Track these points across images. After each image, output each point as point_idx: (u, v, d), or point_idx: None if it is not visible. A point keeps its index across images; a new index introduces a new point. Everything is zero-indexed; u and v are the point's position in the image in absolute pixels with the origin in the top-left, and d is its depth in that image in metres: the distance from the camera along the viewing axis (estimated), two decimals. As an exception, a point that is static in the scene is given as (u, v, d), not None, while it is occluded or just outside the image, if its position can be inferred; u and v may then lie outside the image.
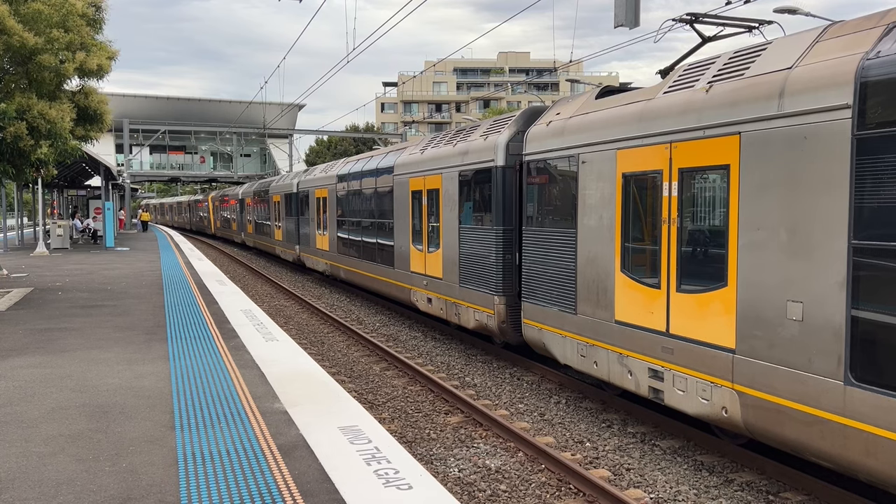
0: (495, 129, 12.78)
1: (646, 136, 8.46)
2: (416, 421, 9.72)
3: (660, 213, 8.26)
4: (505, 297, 12.15)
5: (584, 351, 9.77)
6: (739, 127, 7.14)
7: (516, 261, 12.03)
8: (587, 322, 9.66)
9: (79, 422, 6.49)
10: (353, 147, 76.41)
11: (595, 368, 9.51)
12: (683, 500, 7.12)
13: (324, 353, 14.10)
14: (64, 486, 5.01)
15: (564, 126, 10.28)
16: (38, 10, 14.27)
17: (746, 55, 7.63)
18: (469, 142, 13.47)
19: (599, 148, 9.36)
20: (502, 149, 12.18)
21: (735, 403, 7.17)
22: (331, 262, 23.57)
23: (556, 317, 10.41)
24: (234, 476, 5.18)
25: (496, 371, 12.43)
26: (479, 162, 12.80)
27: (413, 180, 15.94)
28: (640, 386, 8.63)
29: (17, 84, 15.24)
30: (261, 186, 37.65)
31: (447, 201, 14.12)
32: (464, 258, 13.43)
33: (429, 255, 15.09)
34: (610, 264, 9.18)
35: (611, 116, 9.28)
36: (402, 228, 16.68)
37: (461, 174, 13.52)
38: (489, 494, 7.24)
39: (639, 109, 8.73)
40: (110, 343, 10.10)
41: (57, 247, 30.85)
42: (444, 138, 15.26)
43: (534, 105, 13.10)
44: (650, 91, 8.89)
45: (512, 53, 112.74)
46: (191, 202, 72.08)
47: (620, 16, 12.66)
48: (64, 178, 39.88)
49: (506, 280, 12.16)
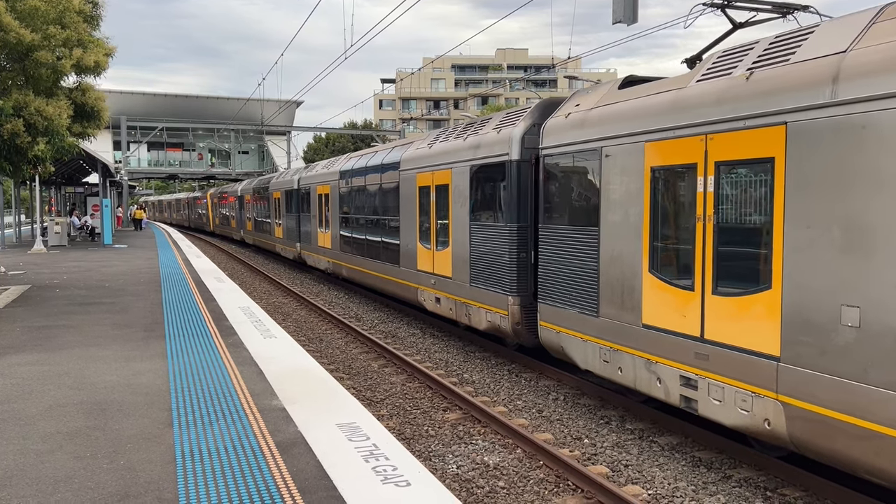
0: (509, 122, 12.23)
1: (678, 128, 7.90)
2: (414, 418, 9.72)
3: (693, 210, 7.72)
4: (519, 297, 11.64)
5: (607, 356, 9.17)
6: (785, 117, 6.59)
7: (531, 259, 11.51)
8: (611, 325, 9.09)
9: (77, 419, 6.48)
10: (351, 144, 76.33)
11: (619, 375, 8.94)
12: (681, 496, 7.13)
13: (322, 350, 14.10)
14: (62, 484, 5.00)
15: (585, 118, 9.71)
16: (35, 6, 14.22)
17: (791, 39, 7.06)
18: (481, 135, 12.96)
19: (625, 141, 8.79)
20: (517, 142, 11.65)
21: (779, 415, 6.65)
22: (333, 260, 23.17)
23: (576, 319, 9.84)
24: (233, 473, 5.17)
25: (494, 368, 12.43)
26: (492, 156, 12.29)
27: (420, 176, 15.39)
28: (669, 394, 8.05)
29: (14, 81, 15.20)
30: (260, 183, 37.21)
31: (457, 197, 13.63)
32: (475, 256, 12.92)
33: (437, 253, 14.59)
34: (637, 264, 8.62)
35: (638, 107, 8.70)
36: (409, 225, 16.16)
37: (473, 169, 13.01)
38: (487, 491, 7.24)
39: (669, 99, 8.15)
40: (108, 340, 10.09)
41: (54, 244, 30.81)
42: (453, 132, 14.71)
43: (549, 97, 12.37)
44: (681, 80, 8.31)
45: (510, 50, 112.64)
46: (189, 199, 71.99)
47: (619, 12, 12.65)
48: (61, 176, 39.83)
49: (520, 280, 11.64)
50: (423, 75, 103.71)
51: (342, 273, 22.26)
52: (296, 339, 12.28)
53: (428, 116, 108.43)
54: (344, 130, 75.63)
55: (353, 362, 13.05)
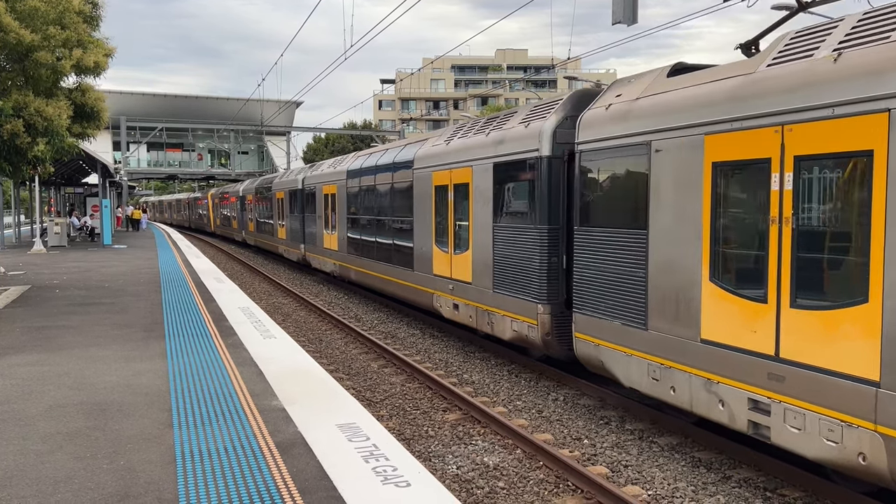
0: (538, 115, 11.28)
1: (746, 118, 7.01)
2: (414, 418, 9.72)
3: (767, 211, 6.82)
4: (550, 305, 10.72)
5: (656, 373, 8.27)
6: (888, 103, 5.73)
7: (563, 264, 10.68)
8: (661, 340, 8.18)
9: (76, 419, 6.49)
10: (351, 144, 76.37)
11: (672, 395, 8.03)
12: (681, 496, 7.14)
13: (322, 350, 14.10)
14: (62, 484, 5.01)
15: (630, 109, 8.82)
16: (35, 6, 14.23)
17: (889, 15, 6.26)
18: (505, 130, 12.00)
19: (680, 133, 7.90)
20: (548, 137, 10.70)
21: (879, 449, 5.77)
22: (340, 263, 22.32)
23: (619, 332, 8.91)
24: (233, 474, 5.18)
25: (494, 368, 12.44)
26: (520, 152, 11.35)
27: (437, 174, 14.49)
28: (735, 419, 7.17)
29: (14, 81, 15.21)
30: (263, 183, 36.37)
31: (478, 197, 12.71)
32: (499, 261, 12.01)
33: (455, 256, 13.72)
34: (694, 272, 7.68)
35: (695, 95, 7.80)
36: (424, 227, 15.29)
37: (497, 166, 12.07)
38: (487, 491, 7.25)
39: (735, 86, 7.28)
40: (108, 341, 10.09)
41: (54, 244, 30.81)
42: (472, 127, 13.80)
43: (583, 88, 11.44)
44: (747, 64, 7.43)
45: (510, 51, 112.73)
46: (190, 200, 71.82)
47: (618, 13, 12.68)
48: (61, 176, 39.82)
49: (551, 286, 10.72)
50: (423, 76, 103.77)
51: (350, 276, 21.53)
52: (295, 339, 12.28)
53: (427, 117, 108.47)
54: (343, 131, 75.69)
55: (353, 363, 13.06)
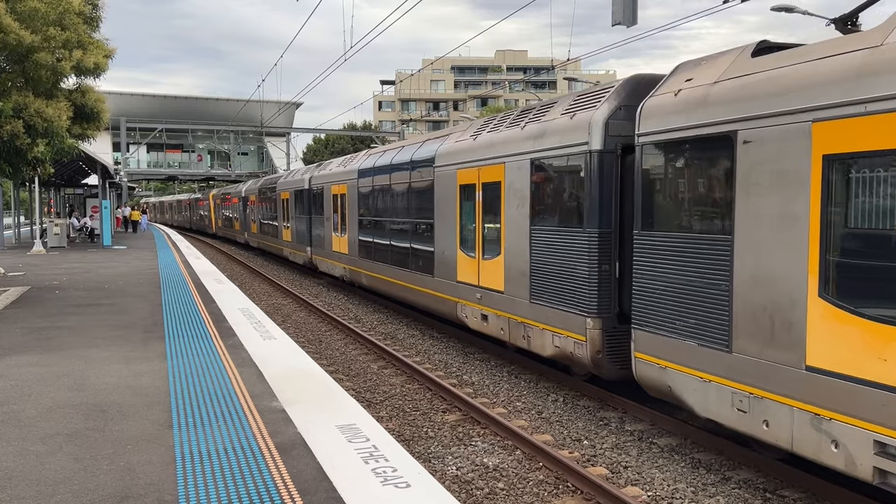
0: (586, 104, 10.15)
1: (874, 100, 5.89)
2: (413, 419, 9.73)
3: None
4: (601, 319, 9.57)
5: (743, 403, 7.09)
6: None
7: (616, 272, 9.60)
8: (750, 364, 7.01)
9: (76, 420, 6.49)
10: (351, 145, 76.39)
11: (765, 431, 6.86)
12: (681, 497, 7.14)
13: (321, 351, 14.10)
14: (61, 485, 5.01)
15: (707, 95, 7.69)
16: (35, 7, 14.24)
17: None
18: (545, 122, 10.89)
19: (777, 122, 6.78)
20: (599, 128, 9.54)
21: None
22: (350, 267, 21.12)
23: (694, 353, 7.76)
24: (232, 475, 5.18)
25: (494, 369, 12.44)
26: (564, 146, 10.24)
27: (463, 172, 13.39)
28: (855, 464, 6.04)
29: (14, 82, 15.23)
30: (267, 183, 35.18)
31: (512, 197, 11.59)
32: (537, 268, 10.88)
33: (484, 262, 12.61)
34: (797, 285, 6.54)
35: (797, 76, 6.67)
36: (447, 230, 14.17)
37: (535, 163, 10.95)
38: (487, 492, 7.25)
39: (854, 64, 6.13)
40: (108, 342, 10.09)
41: (54, 245, 30.81)
42: (503, 120, 12.74)
43: (637, 73, 10.24)
44: (866, 36, 6.32)
45: (510, 51, 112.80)
46: (191, 200, 71.51)
47: (618, 14, 12.71)
48: (61, 177, 39.83)
49: (602, 297, 9.57)
50: (423, 76, 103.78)
51: (361, 281, 20.38)
52: (295, 340, 12.27)
53: (427, 118, 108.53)
54: (343, 132, 75.75)
55: (353, 364, 13.06)
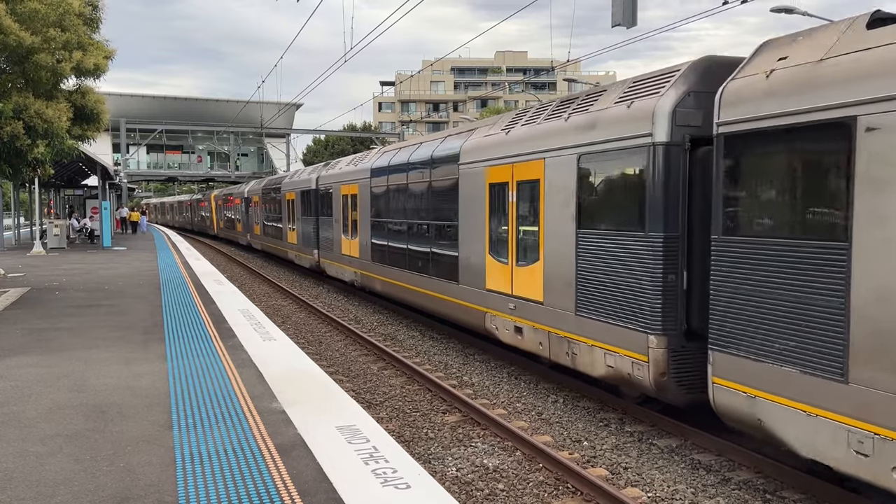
0: (647, 91, 8.92)
1: None
2: (413, 420, 9.72)
3: None
4: (666, 336, 8.42)
5: (864, 445, 6.05)
6: None
7: (683, 283, 8.48)
8: (876, 399, 5.97)
9: (76, 421, 6.49)
10: (351, 146, 76.44)
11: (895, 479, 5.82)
12: (681, 498, 7.14)
13: (321, 352, 14.10)
14: (61, 486, 5.01)
15: (813, 75, 6.55)
16: (35, 8, 14.24)
17: None
18: (594, 112, 9.74)
19: None
20: (665, 118, 8.34)
21: None
22: (362, 272, 20.00)
23: (795, 382, 6.65)
24: (232, 476, 5.18)
25: (494, 370, 12.44)
26: (620, 139, 9.04)
27: (492, 170, 12.25)
28: None
29: (14, 83, 15.22)
30: (271, 183, 34.06)
31: (553, 197, 10.46)
32: (585, 276, 9.74)
33: (518, 269, 11.48)
34: None
35: None
36: (473, 233, 13.06)
37: (583, 158, 9.77)
38: (487, 493, 7.25)
39: None
40: (108, 343, 10.10)
41: (54, 246, 30.82)
42: (541, 112, 11.49)
43: (707, 56, 8.94)
44: None
45: (509, 53, 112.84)
46: (192, 201, 71.32)
47: (618, 15, 12.73)
48: (61, 178, 39.85)
49: (667, 312, 8.43)
50: (423, 78, 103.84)
51: (375, 287, 19.20)
52: (295, 341, 12.27)
53: (427, 119, 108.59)
54: (343, 133, 75.78)
55: (353, 365, 13.06)
